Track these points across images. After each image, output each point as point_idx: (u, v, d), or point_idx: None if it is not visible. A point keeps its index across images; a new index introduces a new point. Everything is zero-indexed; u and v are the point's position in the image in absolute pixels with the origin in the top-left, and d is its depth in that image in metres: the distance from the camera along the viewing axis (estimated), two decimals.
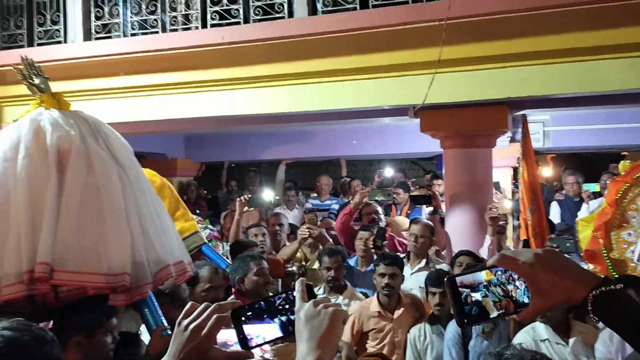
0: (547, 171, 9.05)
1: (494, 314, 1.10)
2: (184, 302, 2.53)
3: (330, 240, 4.90)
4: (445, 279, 1.12)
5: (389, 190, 5.94)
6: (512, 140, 6.89)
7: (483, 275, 1.12)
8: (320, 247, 4.78)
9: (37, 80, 2.38)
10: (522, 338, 3.20)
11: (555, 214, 6.43)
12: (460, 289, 1.10)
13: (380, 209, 5.54)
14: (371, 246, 4.62)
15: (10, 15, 5.82)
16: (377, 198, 5.44)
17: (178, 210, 3.28)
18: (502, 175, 7.64)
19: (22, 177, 2.07)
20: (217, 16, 5.13)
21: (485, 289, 1.11)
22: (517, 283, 1.10)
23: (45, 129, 2.17)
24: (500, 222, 5.02)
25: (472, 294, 1.10)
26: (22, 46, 5.73)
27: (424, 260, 4.63)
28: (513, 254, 1.09)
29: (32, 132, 2.17)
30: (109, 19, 5.49)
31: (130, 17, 5.42)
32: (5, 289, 1.97)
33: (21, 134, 2.17)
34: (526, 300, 1.09)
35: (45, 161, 2.11)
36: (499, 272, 1.12)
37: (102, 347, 2.13)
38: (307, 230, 4.76)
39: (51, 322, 2.15)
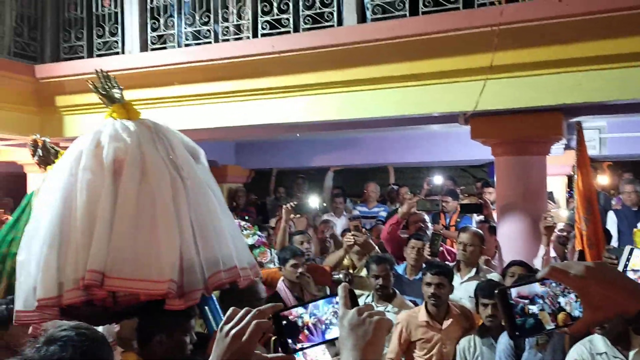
0: (603, 179, 8.73)
1: (549, 326, 1.09)
2: (260, 301, 2.53)
3: (377, 247, 4.87)
4: (496, 291, 1.12)
5: (437, 200, 5.88)
6: (567, 147, 6.70)
7: (538, 287, 1.11)
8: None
9: (112, 91, 2.45)
10: (579, 351, 3.09)
11: (612, 223, 6.20)
12: (517, 299, 1.10)
13: (427, 218, 5.48)
14: (428, 253, 4.59)
15: (71, 27, 6.10)
16: (425, 208, 5.39)
17: None
18: (556, 183, 7.43)
19: (82, 188, 2.16)
20: (268, 26, 5.22)
21: (542, 301, 1.10)
22: (572, 295, 1.09)
23: (104, 141, 2.25)
24: (563, 233, 4.88)
25: (530, 307, 1.10)
26: (82, 57, 5.99)
27: (474, 270, 4.55)
28: (563, 266, 1.08)
29: (93, 145, 2.25)
30: (164, 30, 5.67)
31: (185, 28, 5.58)
32: (67, 293, 2.07)
33: (83, 147, 2.26)
34: (578, 313, 1.08)
35: (101, 172, 2.19)
36: (553, 284, 1.10)
37: (181, 346, 2.21)
38: (352, 237, 4.75)
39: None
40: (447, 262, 4.82)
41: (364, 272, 4.67)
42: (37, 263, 2.14)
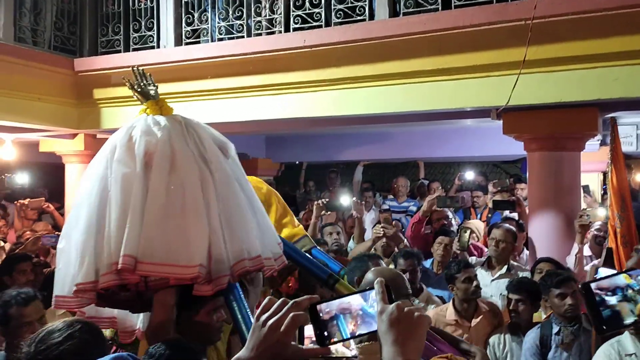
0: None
1: (629, 319, 1.08)
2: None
3: (405, 240, 4.86)
4: (580, 285, 1.12)
5: (457, 197, 5.85)
6: (603, 143, 6.55)
7: (624, 279, 1.09)
8: (395, 249, 4.76)
9: (147, 88, 2.52)
10: (606, 352, 3.03)
11: None
12: (597, 291, 1.09)
13: (450, 214, 5.45)
14: (457, 247, 4.57)
15: (109, 22, 6.24)
16: (445, 205, 5.36)
17: (285, 216, 3.29)
18: (591, 180, 7.29)
19: (116, 179, 2.28)
20: (300, 20, 5.25)
21: (622, 293, 1.08)
22: None
23: (135, 135, 2.36)
24: (600, 233, 4.80)
25: (607, 298, 1.08)
26: (118, 51, 6.13)
27: (505, 267, 4.52)
28: None
29: (126, 139, 2.36)
30: (198, 25, 5.75)
31: (218, 22, 5.65)
32: (102, 277, 2.19)
33: (117, 140, 2.38)
34: None
35: (133, 164, 2.30)
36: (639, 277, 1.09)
37: (206, 325, 2.29)
38: (382, 229, 4.74)
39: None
40: (473, 257, 4.82)
41: (391, 267, 4.68)
42: (75, 251, 2.26)
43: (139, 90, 2.52)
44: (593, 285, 1.09)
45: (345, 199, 5.60)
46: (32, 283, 4.05)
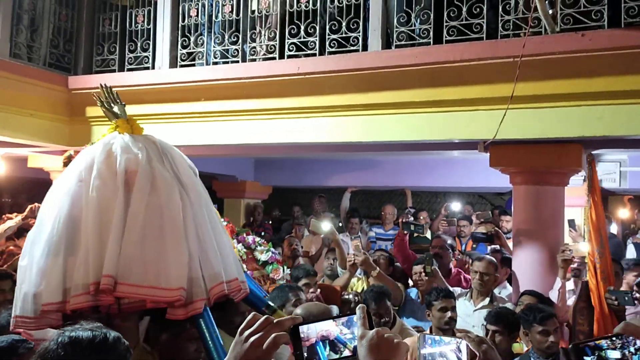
0: (623, 213, 8.68)
1: None
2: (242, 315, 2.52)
3: (377, 267, 4.87)
4: (570, 346, 1.18)
5: (421, 224, 6.03)
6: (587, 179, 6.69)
7: (605, 342, 1.16)
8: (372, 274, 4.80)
9: (114, 107, 2.54)
10: None
11: (631, 256, 6.16)
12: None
13: (449, 241, 5.52)
14: (424, 275, 4.61)
15: (105, 41, 6.29)
16: (408, 230, 5.55)
17: None
18: (576, 214, 7.41)
19: (94, 196, 2.22)
20: (294, 47, 5.35)
21: (596, 354, 1.15)
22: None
23: (115, 152, 2.33)
24: (579, 266, 4.87)
25: (585, 358, 1.15)
26: (113, 71, 6.16)
27: (488, 299, 4.56)
28: (638, 322, 1.13)
29: (104, 155, 2.32)
30: (193, 48, 5.83)
31: (214, 46, 5.73)
32: (73, 298, 2.11)
33: (95, 157, 2.33)
34: None
35: (114, 182, 2.26)
36: (619, 340, 1.16)
37: (183, 351, 2.27)
38: (353, 256, 4.85)
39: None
40: (460, 288, 4.85)
41: None
42: (38, 269, 2.16)
43: (108, 107, 2.53)
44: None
45: (326, 226, 5.63)
46: (10, 303, 3.92)
